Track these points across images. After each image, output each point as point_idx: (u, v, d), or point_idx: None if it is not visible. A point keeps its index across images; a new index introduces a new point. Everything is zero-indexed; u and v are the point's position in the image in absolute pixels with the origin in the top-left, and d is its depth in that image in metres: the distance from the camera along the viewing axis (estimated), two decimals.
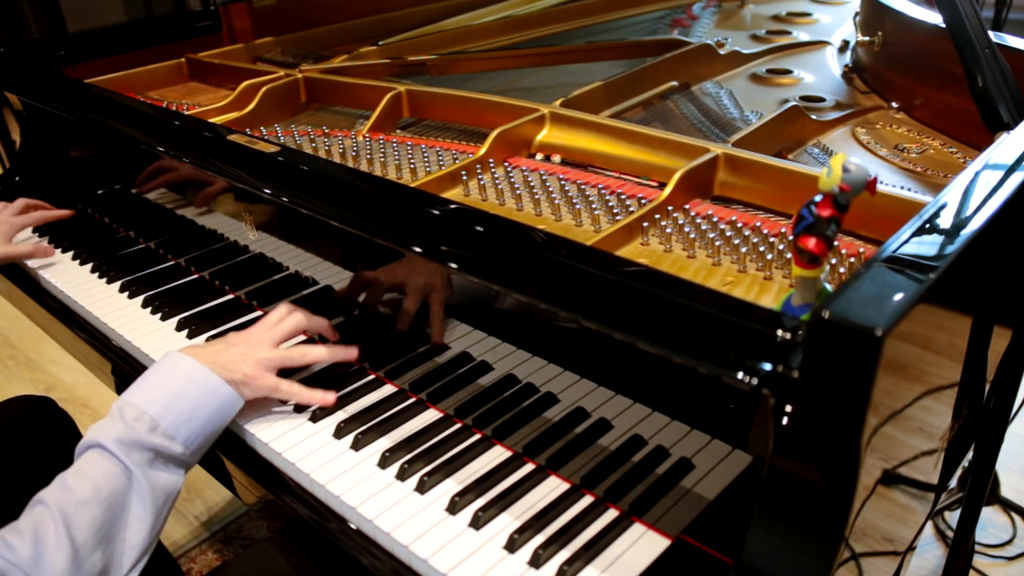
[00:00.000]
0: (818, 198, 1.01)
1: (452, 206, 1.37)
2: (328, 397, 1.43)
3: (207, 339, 1.63)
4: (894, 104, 2.00)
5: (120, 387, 1.84)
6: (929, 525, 2.50)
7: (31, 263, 2.01)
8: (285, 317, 1.49)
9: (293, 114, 2.16)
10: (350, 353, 1.51)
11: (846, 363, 0.90)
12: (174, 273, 1.92)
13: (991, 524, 2.59)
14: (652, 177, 1.63)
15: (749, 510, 0.98)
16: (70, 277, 1.95)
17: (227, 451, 1.44)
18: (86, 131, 2.15)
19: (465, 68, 2.36)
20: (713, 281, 1.33)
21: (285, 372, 1.46)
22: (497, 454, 1.32)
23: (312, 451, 1.36)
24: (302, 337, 1.58)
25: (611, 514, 1.20)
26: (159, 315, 1.75)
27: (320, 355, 1.48)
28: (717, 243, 1.38)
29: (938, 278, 0.97)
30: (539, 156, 1.78)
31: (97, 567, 1.17)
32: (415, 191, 1.49)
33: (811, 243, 1.00)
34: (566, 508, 1.21)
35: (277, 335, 1.46)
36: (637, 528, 1.18)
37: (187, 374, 1.33)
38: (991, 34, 1.50)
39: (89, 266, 1.97)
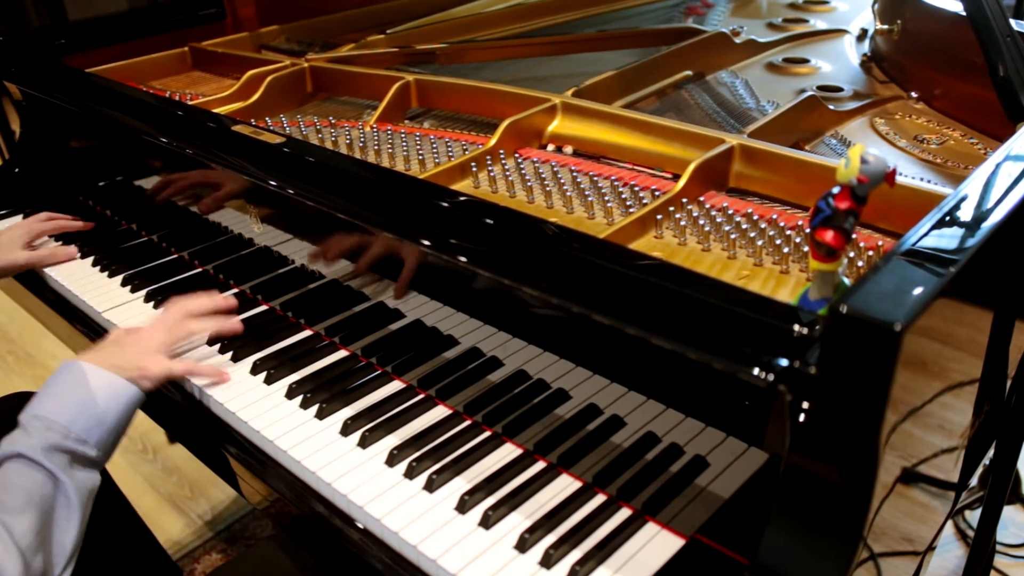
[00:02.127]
0: (836, 190, 1.01)
1: (462, 198, 1.37)
2: (224, 374, 1.54)
3: (212, 343, 1.66)
4: (913, 94, 1.99)
5: None
6: (949, 525, 2.50)
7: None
8: (171, 309, 1.59)
9: (299, 104, 2.17)
10: (235, 325, 1.62)
11: (864, 359, 0.90)
12: (177, 267, 1.93)
13: (1012, 523, 2.59)
14: (666, 168, 1.63)
15: (765, 509, 0.98)
16: (70, 271, 1.95)
17: (231, 449, 1.45)
18: (87, 122, 2.15)
19: (475, 57, 2.36)
20: (728, 275, 1.33)
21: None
22: (507, 452, 1.33)
23: (318, 448, 1.36)
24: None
25: (624, 513, 1.20)
26: (162, 311, 1.75)
27: (205, 327, 1.60)
28: (732, 236, 1.38)
29: (958, 272, 0.97)
30: (550, 147, 1.78)
31: (40, 569, 1.21)
32: (424, 183, 1.49)
33: (829, 236, 1.00)
34: (578, 507, 1.21)
35: (166, 324, 1.55)
36: (650, 527, 1.18)
37: (89, 379, 1.38)
38: (1012, 22, 1.49)
39: (90, 259, 1.98)
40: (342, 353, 1.58)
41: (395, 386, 1.48)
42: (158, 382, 1.46)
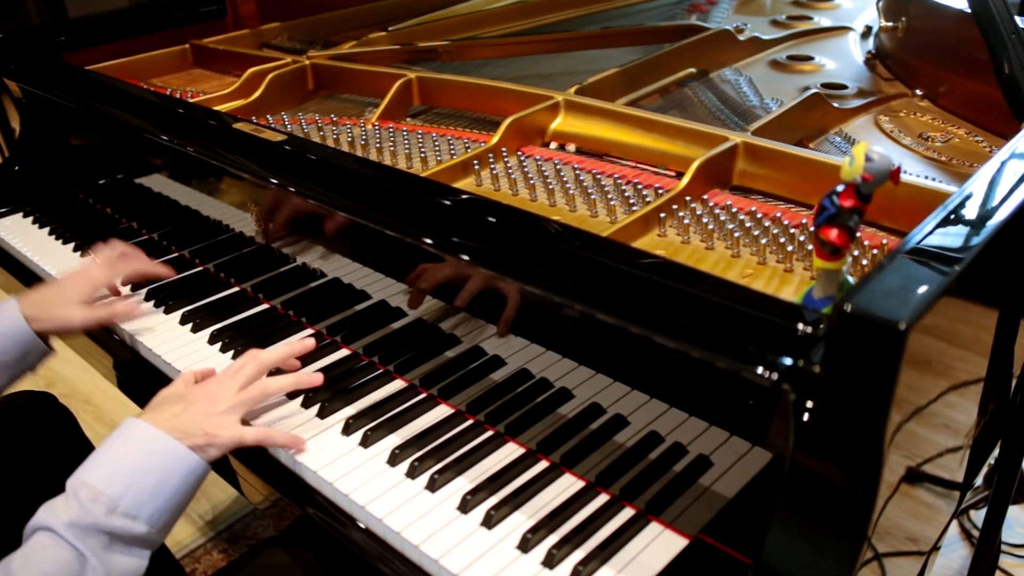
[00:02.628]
0: (840, 188, 1.01)
1: (464, 196, 1.37)
2: (299, 438, 1.37)
3: (213, 342, 1.62)
4: (918, 91, 1.99)
5: (122, 382, 1.85)
6: (954, 524, 2.50)
7: (24, 255, 2.02)
8: (247, 363, 1.40)
9: (300, 102, 2.17)
10: (315, 380, 1.44)
11: (869, 358, 0.90)
12: (178, 265, 1.92)
13: (1018, 523, 2.59)
14: (669, 166, 1.63)
15: (769, 509, 0.98)
16: (68, 266, 1.94)
17: (232, 449, 1.45)
18: (87, 119, 2.15)
19: (477, 54, 2.36)
20: (732, 273, 1.33)
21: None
22: (510, 451, 1.33)
23: (319, 448, 1.36)
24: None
25: (627, 513, 1.20)
26: (162, 308, 1.76)
27: (284, 386, 1.42)
28: (736, 234, 1.38)
29: (963, 270, 0.97)
30: (553, 145, 1.78)
31: None
32: (426, 181, 1.49)
33: (833, 234, 1.00)
34: (581, 507, 1.22)
35: (239, 382, 1.37)
36: (654, 527, 1.18)
37: (147, 445, 1.25)
38: (1017, 19, 1.49)
39: (89, 257, 1.97)
40: (344, 352, 1.58)
41: (397, 385, 1.48)
42: (226, 450, 1.32)
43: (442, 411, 1.42)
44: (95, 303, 1.67)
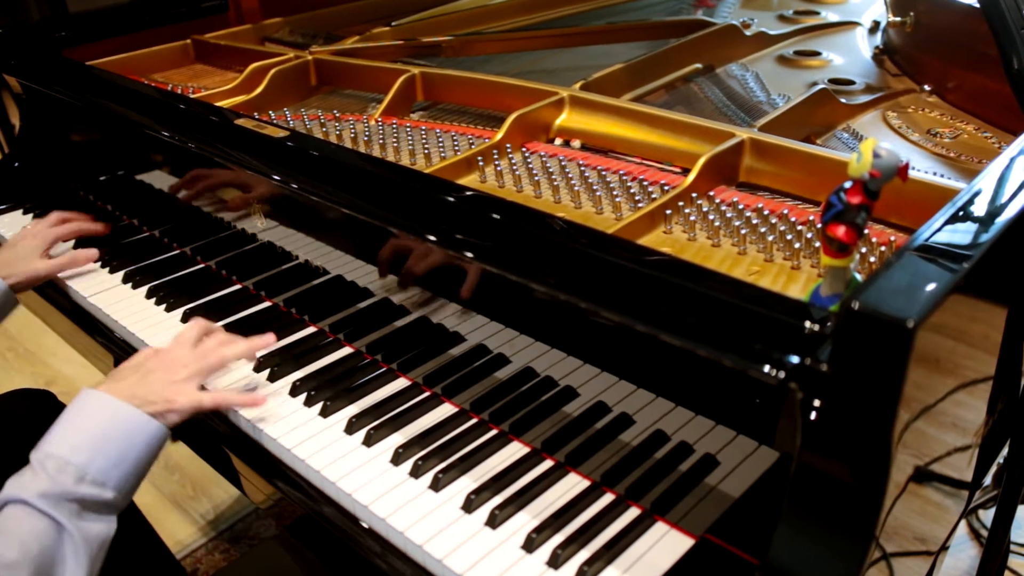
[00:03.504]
0: (848, 184, 1.01)
1: (468, 193, 1.38)
2: (257, 396, 1.44)
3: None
4: (926, 87, 1.99)
5: None
6: (963, 524, 2.49)
7: None
8: (207, 341, 1.48)
9: (303, 97, 2.17)
10: (267, 340, 1.52)
11: (876, 356, 0.90)
12: (179, 262, 1.93)
13: None
14: (675, 163, 1.63)
15: (776, 508, 0.98)
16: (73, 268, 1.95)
17: (234, 448, 1.45)
18: (88, 115, 2.16)
19: (481, 50, 2.36)
20: (739, 271, 1.33)
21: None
22: (514, 450, 1.33)
23: (322, 447, 1.36)
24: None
25: (632, 512, 1.20)
26: (164, 306, 1.76)
27: (239, 352, 1.48)
28: (743, 231, 1.38)
29: (972, 267, 0.97)
30: (558, 141, 1.78)
31: None
32: (429, 177, 1.49)
33: (840, 231, 1.00)
34: (586, 506, 1.22)
35: (197, 352, 1.44)
36: (660, 527, 1.18)
37: (109, 415, 1.30)
38: None
39: None
40: (346, 350, 1.58)
41: (400, 384, 1.49)
42: (186, 416, 1.37)
43: (446, 410, 1.42)
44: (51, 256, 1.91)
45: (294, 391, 1.48)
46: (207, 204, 1.87)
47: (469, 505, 1.22)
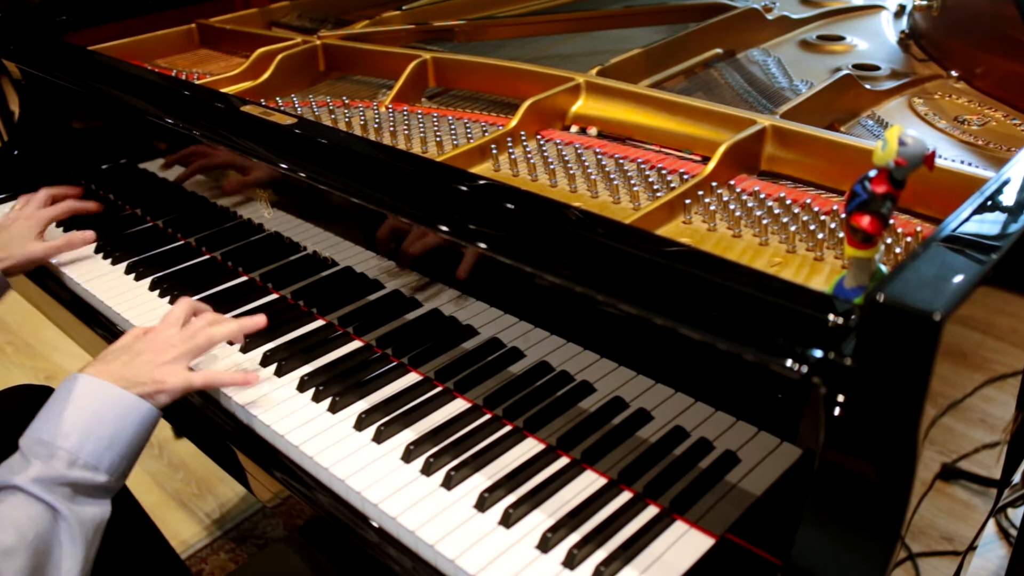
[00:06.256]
0: (872, 173, 1.01)
1: (481, 182, 1.38)
2: (249, 375, 1.47)
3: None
4: (954, 73, 1.99)
5: None
6: (991, 523, 2.49)
7: None
8: (188, 314, 1.52)
9: (311, 83, 2.18)
10: (258, 321, 1.55)
11: (902, 350, 0.90)
12: (184, 253, 1.94)
13: None
14: (695, 151, 1.63)
15: (799, 507, 0.99)
16: (72, 257, 1.97)
17: (241, 444, 1.46)
18: (89, 102, 2.16)
19: (495, 34, 2.36)
20: (760, 262, 1.34)
21: None
22: (529, 447, 1.33)
23: (331, 444, 1.37)
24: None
25: (651, 511, 1.21)
26: (168, 298, 1.77)
27: (228, 332, 1.51)
28: (764, 221, 1.38)
29: (1001, 259, 0.97)
30: (574, 128, 1.79)
31: None
32: (441, 166, 1.50)
33: (865, 221, 1.00)
34: (602, 505, 1.22)
35: (185, 332, 1.47)
36: (679, 526, 1.18)
37: (98, 398, 1.33)
38: None
39: (93, 246, 1.99)
40: (356, 344, 1.59)
41: (411, 379, 1.49)
42: (176, 396, 1.40)
43: (458, 405, 1.43)
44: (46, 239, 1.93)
45: (302, 386, 1.48)
46: (212, 193, 1.88)
47: (482, 503, 1.23)
